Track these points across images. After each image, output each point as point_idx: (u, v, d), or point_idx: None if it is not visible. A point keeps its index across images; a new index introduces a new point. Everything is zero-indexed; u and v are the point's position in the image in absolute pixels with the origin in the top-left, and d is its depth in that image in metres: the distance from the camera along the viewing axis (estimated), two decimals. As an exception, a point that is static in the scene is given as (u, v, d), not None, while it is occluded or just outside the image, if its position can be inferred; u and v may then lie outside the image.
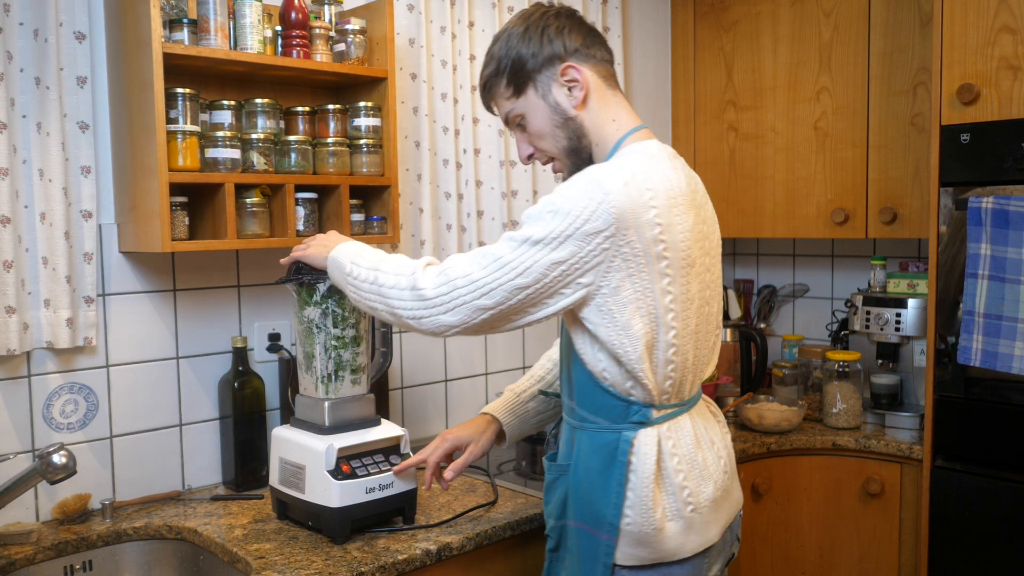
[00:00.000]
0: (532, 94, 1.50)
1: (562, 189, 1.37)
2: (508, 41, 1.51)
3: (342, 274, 1.54)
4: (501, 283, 1.36)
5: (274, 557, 1.58)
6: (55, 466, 1.50)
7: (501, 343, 2.61)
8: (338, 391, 1.73)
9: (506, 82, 1.52)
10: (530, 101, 1.51)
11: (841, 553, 2.44)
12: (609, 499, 1.43)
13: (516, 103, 1.52)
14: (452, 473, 1.67)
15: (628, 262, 1.36)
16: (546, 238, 1.34)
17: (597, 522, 1.44)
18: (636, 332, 1.39)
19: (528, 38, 1.50)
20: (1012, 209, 2.00)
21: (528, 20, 1.52)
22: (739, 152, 2.88)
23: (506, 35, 1.53)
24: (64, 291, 1.77)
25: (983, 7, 2.08)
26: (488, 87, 1.55)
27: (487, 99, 1.58)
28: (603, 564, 1.44)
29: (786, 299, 3.14)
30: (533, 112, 1.51)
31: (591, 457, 1.47)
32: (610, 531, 1.43)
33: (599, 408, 1.46)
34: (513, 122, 1.55)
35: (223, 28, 1.79)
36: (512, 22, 1.54)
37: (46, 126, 1.74)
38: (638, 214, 1.35)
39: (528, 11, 1.54)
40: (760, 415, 2.49)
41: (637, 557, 1.44)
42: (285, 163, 1.92)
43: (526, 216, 1.39)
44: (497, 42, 1.54)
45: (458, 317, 1.40)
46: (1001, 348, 2.02)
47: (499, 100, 1.55)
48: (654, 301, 1.39)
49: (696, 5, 2.97)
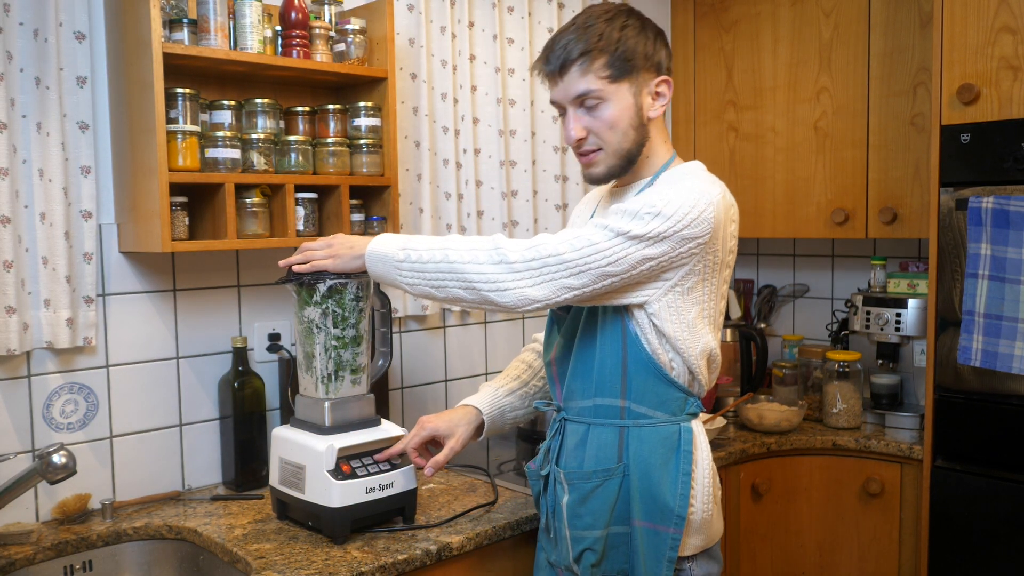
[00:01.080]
0: (627, 87, 1.51)
1: (663, 194, 1.42)
2: (628, 30, 1.51)
3: (391, 265, 1.50)
4: (591, 267, 1.40)
5: (274, 557, 1.58)
6: (55, 466, 1.50)
7: (501, 343, 2.61)
8: (338, 391, 1.73)
9: (609, 63, 1.49)
10: (621, 91, 1.51)
11: (841, 553, 2.44)
12: (676, 490, 1.48)
13: (607, 87, 1.50)
14: (432, 470, 1.66)
15: (706, 268, 1.47)
16: (644, 236, 1.39)
17: (663, 516, 1.47)
18: (699, 331, 1.50)
19: (646, 37, 1.53)
20: (1012, 209, 2.00)
21: (646, 23, 1.55)
22: (739, 152, 2.88)
23: (624, 23, 1.52)
24: (64, 291, 1.77)
25: (983, 7, 2.08)
26: (579, 56, 1.49)
27: (561, 63, 1.51)
28: (668, 559, 1.47)
29: (786, 299, 3.13)
30: (618, 102, 1.51)
31: (652, 452, 1.49)
32: (677, 523, 1.47)
33: (661, 402, 1.51)
34: (582, 101, 1.51)
35: (223, 28, 1.79)
36: (628, 13, 1.54)
37: (46, 126, 1.74)
38: (726, 226, 1.48)
39: (632, 11, 1.55)
40: (760, 415, 2.49)
41: (694, 546, 1.52)
42: (285, 163, 1.92)
43: (623, 212, 1.42)
44: (613, 21, 1.51)
45: (544, 292, 1.41)
46: (1001, 348, 2.02)
47: (587, 74, 1.49)
48: (715, 304, 1.52)
49: (696, 5, 2.97)
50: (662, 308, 1.47)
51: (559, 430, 1.61)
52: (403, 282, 1.50)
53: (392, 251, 1.50)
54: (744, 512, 2.41)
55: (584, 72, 1.50)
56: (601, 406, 1.53)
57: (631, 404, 1.51)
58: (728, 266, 1.53)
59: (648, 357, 1.49)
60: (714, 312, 1.53)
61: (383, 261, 1.51)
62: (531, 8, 2.58)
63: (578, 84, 1.50)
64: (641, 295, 1.46)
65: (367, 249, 1.54)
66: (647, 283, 1.45)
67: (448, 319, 2.48)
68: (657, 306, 1.46)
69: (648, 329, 1.48)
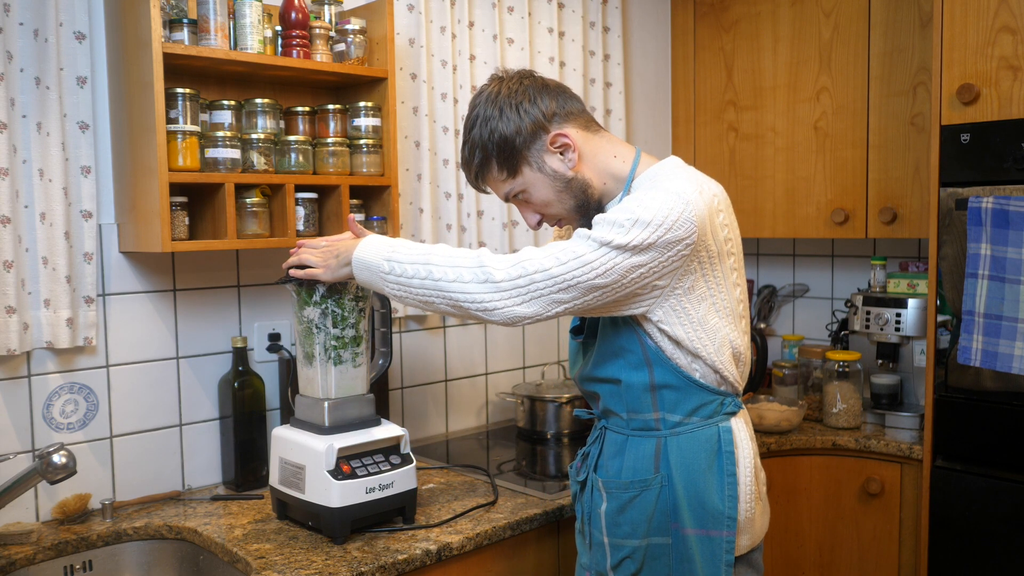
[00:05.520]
0: (527, 170, 1.50)
1: (641, 200, 1.38)
2: (488, 125, 1.49)
3: (376, 275, 1.48)
4: (579, 280, 1.37)
5: (274, 557, 1.58)
6: (55, 466, 1.50)
7: (501, 343, 2.61)
8: (338, 391, 1.73)
9: (498, 167, 1.50)
10: (527, 177, 1.51)
11: (841, 553, 2.44)
12: (723, 492, 1.47)
13: (514, 183, 1.52)
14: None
15: (703, 264, 1.43)
16: (627, 245, 1.36)
17: (715, 521, 1.46)
18: (713, 326, 1.46)
19: (506, 118, 1.48)
20: (1012, 209, 2.00)
21: (498, 99, 1.50)
22: (739, 152, 2.88)
23: (481, 120, 1.50)
24: (64, 291, 1.77)
25: (983, 7, 2.08)
26: (480, 174, 1.53)
27: (479, 184, 1.56)
28: (726, 563, 1.45)
29: (786, 299, 3.13)
30: (534, 186, 1.51)
31: (695, 458, 1.47)
32: (729, 525, 1.46)
33: (694, 408, 1.49)
34: (514, 198, 1.55)
35: (223, 28, 1.79)
36: (481, 104, 1.51)
37: (46, 126, 1.74)
38: (712, 217, 1.43)
39: (490, 89, 1.52)
40: (760, 415, 2.49)
41: (741, 547, 1.50)
42: (285, 163, 1.92)
43: (604, 222, 1.38)
44: (474, 128, 1.50)
45: (533, 308, 1.40)
46: (1001, 348, 2.02)
47: (494, 183, 1.54)
48: (728, 295, 1.48)
49: (696, 5, 2.97)
50: (667, 314, 1.44)
51: (599, 437, 1.60)
52: (391, 293, 1.49)
53: (377, 260, 1.48)
54: (744, 512, 2.41)
55: (491, 183, 1.54)
56: (636, 419, 1.52)
57: (665, 415, 1.50)
58: (731, 254, 1.48)
59: (671, 367, 1.47)
60: (728, 303, 1.48)
61: (369, 270, 1.50)
62: (531, 8, 2.58)
63: (499, 191, 1.55)
64: (640, 306, 1.43)
65: (353, 257, 1.52)
66: (643, 293, 1.41)
67: (448, 320, 2.48)
68: (661, 312, 1.43)
69: (660, 338, 1.46)
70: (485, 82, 1.56)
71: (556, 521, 1.85)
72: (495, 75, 1.56)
